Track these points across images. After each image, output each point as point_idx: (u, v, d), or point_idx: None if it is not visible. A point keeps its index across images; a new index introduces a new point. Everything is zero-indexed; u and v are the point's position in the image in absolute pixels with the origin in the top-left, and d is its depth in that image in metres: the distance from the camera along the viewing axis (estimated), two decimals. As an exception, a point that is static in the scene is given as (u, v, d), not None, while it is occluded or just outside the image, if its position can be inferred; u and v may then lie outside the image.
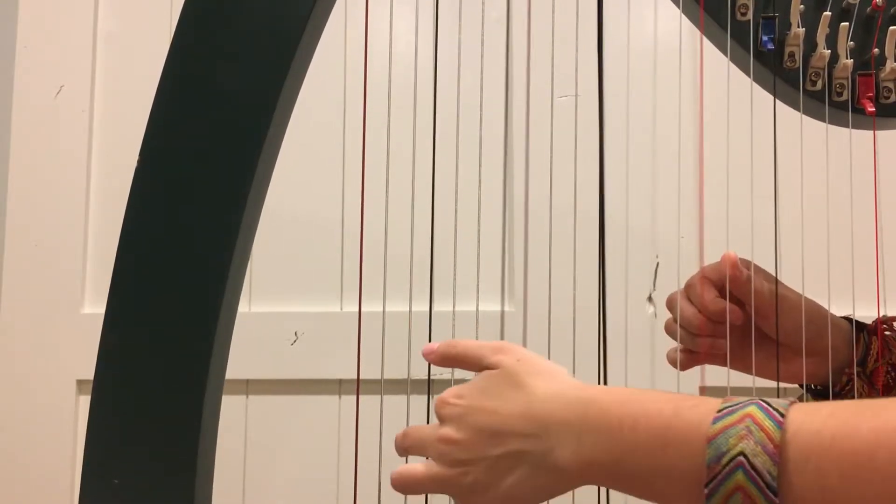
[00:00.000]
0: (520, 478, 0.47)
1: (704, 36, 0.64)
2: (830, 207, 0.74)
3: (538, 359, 0.51)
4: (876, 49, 0.63)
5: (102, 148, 1.16)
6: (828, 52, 0.62)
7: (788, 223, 0.75)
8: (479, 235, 0.78)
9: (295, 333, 1.10)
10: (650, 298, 1.07)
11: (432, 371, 0.60)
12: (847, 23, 0.62)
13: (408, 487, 0.51)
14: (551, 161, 0.77)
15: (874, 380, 0.68)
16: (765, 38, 0.62)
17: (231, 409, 1.03)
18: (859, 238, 0.69)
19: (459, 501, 0.49)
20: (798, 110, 0.64)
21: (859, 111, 0.63)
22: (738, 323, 0.66)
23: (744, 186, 0.67)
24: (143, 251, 0.58)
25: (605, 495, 0.63)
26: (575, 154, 0.74)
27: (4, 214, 1.15)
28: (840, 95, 0.63)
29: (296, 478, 1.11)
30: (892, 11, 0.63)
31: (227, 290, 0.57)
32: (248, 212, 0.58)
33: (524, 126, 1.05)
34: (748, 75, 0.63)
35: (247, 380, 1.11)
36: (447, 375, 0.58)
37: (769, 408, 0.40)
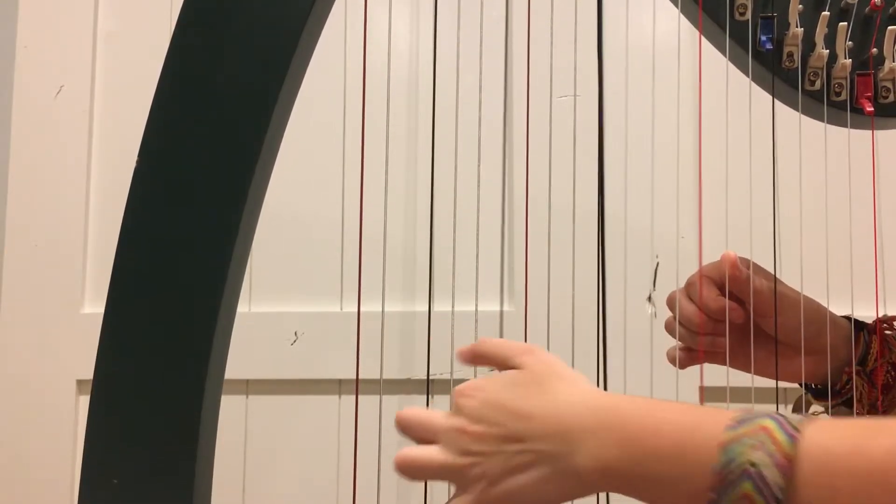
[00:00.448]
0: (532, 478, 0.47)
1: (703, 36, 0.64)
2: (829, 207, 0.74)
3: (563, 364, 0.51)
4: (874, 49, 0.63)
5: (102, 148, 1.16)
6: (826, 52, 0.62)
7: (787, 223, 0.75)
8: (479, 235, 0.78)
9: (295, 333, 1.10)
10: (650, 298, 1.07)
11: (432, 371, 0.60)
12: (845, 22, 0.62)
13: (412, 471, 0.51)
14: (551, 161, 0.77)
15: (874, 379, 0.68)
16: (763, 38, 0.62)
17: (231, 409, 1.04)
18: (858, 237, 0.70)
19: (463, 492, 0.49)
20: (797, 110, 0.64)
21: (858, 111, 0.63)
22: (739, 321, 0.66)
23: (743, 186, 0.67)
24: (143, 251, 0.58)
25: (605, 497, 0.63)
26: (574, 154, 0.74)
27: (4, 214, 1.15)
28: (839, 95, 0.63)
29: (296, 478, 1.11)
30: (891, 11, 0.63)
31: (227, 290, 0.57)
32: (248, 212, 0.58)
33: (524, 126, 1.05)
34: (747, 75, 0.63)
35: (247, 380, 1.11)
36: (447, 375, 0.58)
37: (784, 422, 0.40)
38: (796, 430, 0.40)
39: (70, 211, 1.14)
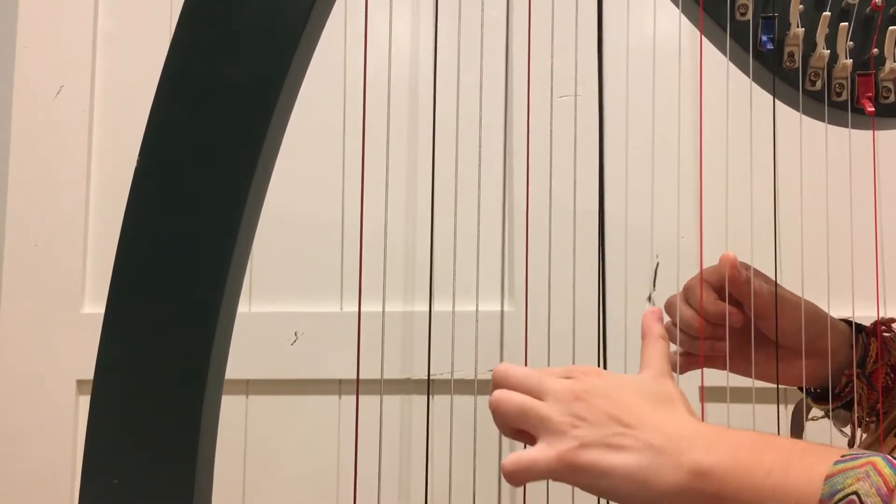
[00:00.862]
0: (626, 462, 0.46)
1: (704, 36, 0.64)
2: (830, 207, 0.74)
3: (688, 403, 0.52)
4: (875, 49, 0.63)
5: (102, 148, 1.16)
6: (827, 52, 0.62)
7: (788, 223, 0.75)
8: (479, 235, 0.78)
9: (295, 333, 1.10)
10: (650, 299, 1.07)
11: (432, 371, 0.60)
12: (846, 23, 0.62)
13: (512, 417, 0.49)
14: (551, 161, 0.77)
15: (873, 381, 0.68)
16: (764, 38, 0.62)
17: (231, 409, 1.03)
18: (859, 238, 0.70)
19: (547, 446, 0.48)
20: (797, 110, 0.64)
21: (859, 111, 0.63)
22: (738, 325, 0.66)
23: (743, 186, 0.67)
24: (143, 251, 0.58)
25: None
26: (574, 154, 0.74)
27: (4, 214, 1.15)
28: (839, 95, 0.63)
29: (296, 478, 1.11)
30: (892, 11, 0.63)
31: (227, 290, 0.57)
32: (248, 212, 0.58)
33: (524, 126, 1.05)
34: (748, 75, 0.63)
35: (247, 380, 1.11)
36: (447, 375, 0.58)
37: (894, 460, 0.42)
38: None
39: (70, 211, 1.14)
